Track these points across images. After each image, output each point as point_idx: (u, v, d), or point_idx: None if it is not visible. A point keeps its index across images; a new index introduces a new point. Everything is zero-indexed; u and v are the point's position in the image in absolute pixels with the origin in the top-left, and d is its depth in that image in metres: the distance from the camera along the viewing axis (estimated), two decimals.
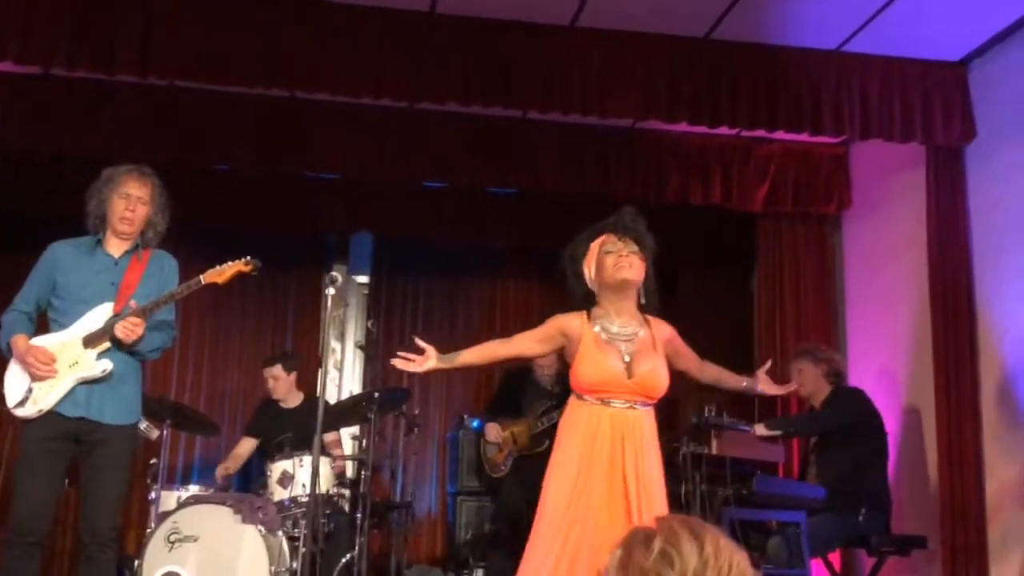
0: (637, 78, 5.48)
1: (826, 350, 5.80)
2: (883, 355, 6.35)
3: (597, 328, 3.65)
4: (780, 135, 6.25)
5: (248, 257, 4.01)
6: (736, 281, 7.40)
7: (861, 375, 6.35)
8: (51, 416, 3.84)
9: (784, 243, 6.79)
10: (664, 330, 3.74)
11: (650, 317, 3.74)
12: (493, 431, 6.15)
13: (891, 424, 5.72)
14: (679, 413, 6.58)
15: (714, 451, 4.72)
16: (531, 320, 7.48)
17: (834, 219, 6.94)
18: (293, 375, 6.27)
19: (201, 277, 3.97)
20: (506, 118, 6.24)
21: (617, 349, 3.61)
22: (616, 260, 3.62)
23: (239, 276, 4.02)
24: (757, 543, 4.95)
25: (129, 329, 3.83)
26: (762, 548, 4.98)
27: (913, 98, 5.65)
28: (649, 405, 3.62)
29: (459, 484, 6.77)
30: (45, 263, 4.03)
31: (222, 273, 3.98)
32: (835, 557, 5.87)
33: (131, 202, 4.01)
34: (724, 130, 5.93)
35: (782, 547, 4.96)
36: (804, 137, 6.15)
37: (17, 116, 5.93)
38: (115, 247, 4.05)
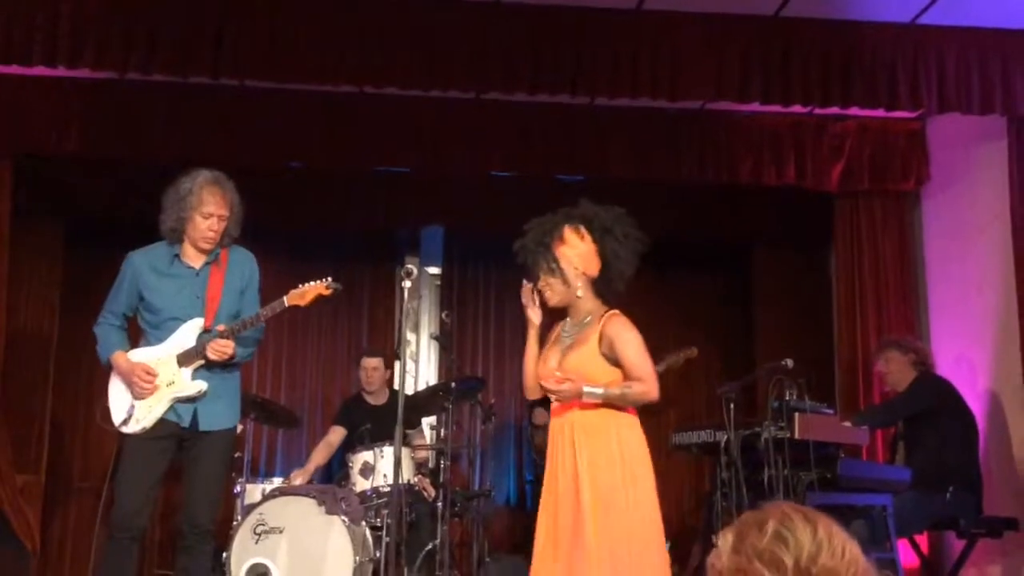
0: (707, 59, 5.41)
1: (913, 340, 5.75)
2: (965, 335, 6.19)
3: (561, 328, 3.74)
4: (854, 111, 6.13)
5: (329, 279, 4.04)
6: (813, 262, 7.29)
7: (944, 356, 6.21)
8: (156, 420, 3.96)
9: (862, 222, 6.64)
10: (610, 328, 3.58)
11: (609, 313, 3.63)
12: (541, 415, 6.20)
13: (975, 406, 5.60)
14: (759, 397, 6.52)
15: (796, 435, 4.64)
16: None
17: (912, 196, 6.78)
18: (388, 372, 6.34)
19: (284, 299, 4.02)
20: (573, 105, 6.22)
21: (559, 348, 3.66)
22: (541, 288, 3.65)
23: (320, 298, 4.05)
24: (842, 527, 4.87)
25: (220, 351, 3.93)
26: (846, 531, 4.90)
27: (992, 69, 5.49)
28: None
29: (536, 471, 6.80)
30: (127, 275, 4.09)
31: (304, 296, 4.01)
32: (922, 540, 5.77)
33: (213, 222, 4.03)
34: (797, 108, 5.83)
35: (866, 530, 4.89)
36: (879, 113, 6.02)
37: (94, 120, 6.07)
38: (193, 258, 4.10)
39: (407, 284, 4.18)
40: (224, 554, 4.93)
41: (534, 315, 3.74)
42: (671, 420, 7.07)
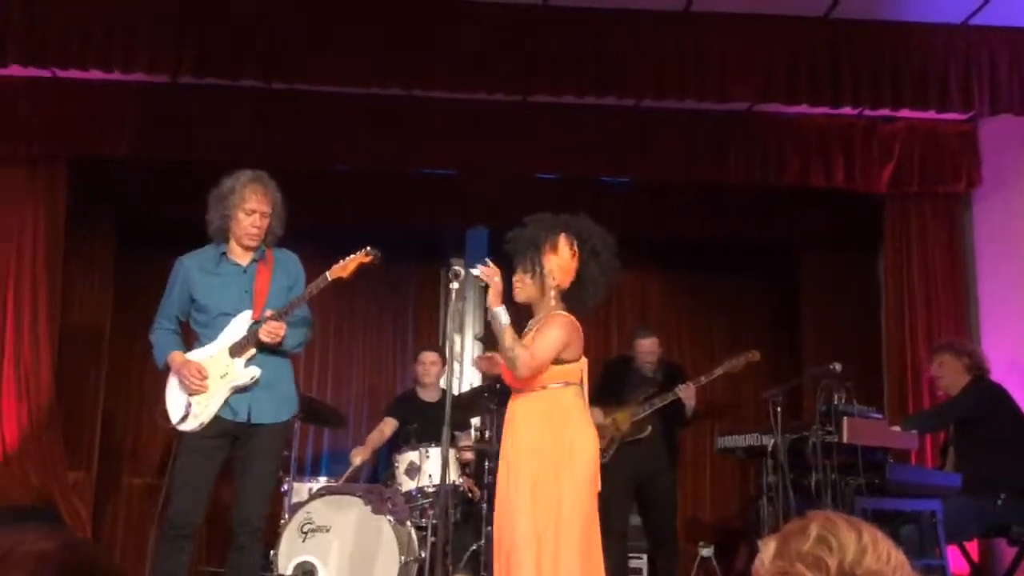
0: (755, 61, 5.40)
1: (967, 344, 5.66)
2: (1018, 340, 6.09)
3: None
4: (905, 113, 6.07)
5: (368, 248, 4.06)
6: (862, 265, 7.19)
7: (996, 361, 6.10)
8: (211, 418, 4.02)
9: (912, 224, 6.56)
10: (545, 320, 3.77)
11: (554, 312, 3.78)
12: (595, 415, 6.17)
13: None
14: (806, 401, 6.47)
15: (845, 439, 4.59)
16: (648, 312, 7.54)
17: (964, 198, 6.68)
18: (443, 368, 6.38)
19: (327, 274, 4.05)
20: (619, 106, 6.21)
21: None
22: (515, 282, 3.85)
23: (362, 267, 4.07)
24: (890, 533, 4.81)
25: (272, 332, 3.98)
26: (895, 538, 4.84)
27: None
28: (521, 392, 3.73)
29: None
30: (178, 279, 4.17)
31: (345, 267, 4.04)
32: (972, 547, 5.68)
33: (256, 218, 4.10)
34: (846, 110, 5.78)
35: (916, 536, 4.83)
36: (930, 114, 5.96)
37: (146, 123, 6.17)
38: (240, 255, 4.17)
39: (455, 285, 4.18)
40: (272, 552, 4.99)
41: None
42: (716, 424, 7.04)
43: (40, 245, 6.23)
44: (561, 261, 3.76)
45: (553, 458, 3.60)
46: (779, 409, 4.72)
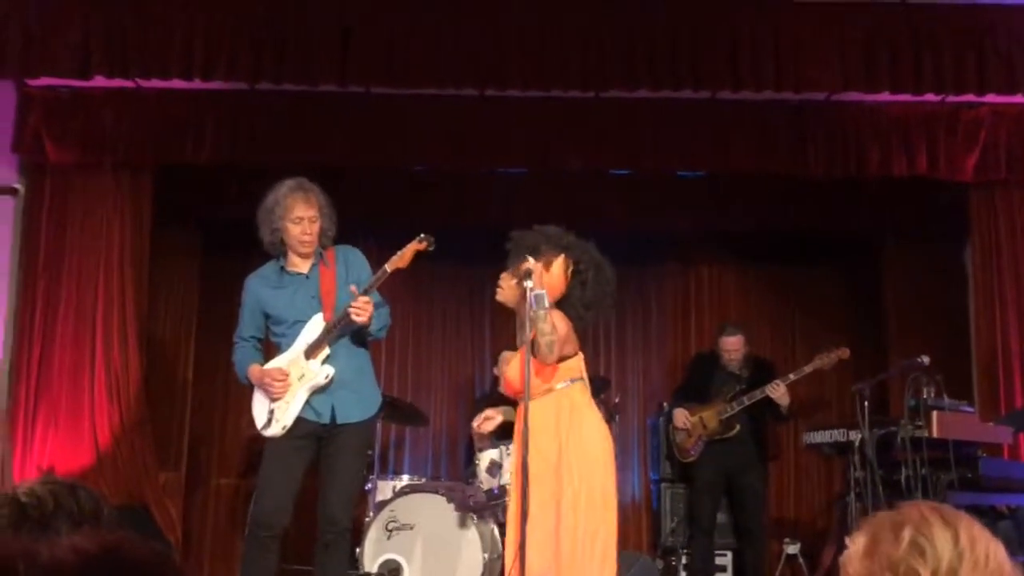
0: (832, 49, 5.32)
1: None
2: None
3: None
4: (990, 98, 5.88)
5: (422, 235, 4.03)
6: (947, 255, 7.00)
7: None
8: (295, 420, 4.09)
9: (1000, 212, 6.36)
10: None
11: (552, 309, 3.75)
12: (680, 417, 6.17)
13: None
14: (891, 395, 6.33)
15: (935, 434, 4.50)
16: (727, 306, 7.46)
17: None
18: None
19: (386, 267, 4.03)
20: (693, 99, 6.15)
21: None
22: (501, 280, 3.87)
23: (418, 255, 4.04)
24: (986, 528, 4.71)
25: (361, 308, 3.96)
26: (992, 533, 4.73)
27: None
28: (532, 398, 3.62)
29: (661, 471, 6.75)
30: (248, 299, 4.27)
31: (403, 257, 4.02)
32: None
33: (305, 225, 4.13)
34: (928, 97, 5.64)
35: (1013, 532, 4.71)
36: (1017, 99, 5.78)
37: (227, 129, 6.27)
38: (300, 264, 4.23)
39: (528, 283, 4.19)
40: (357, 549, 5.05)
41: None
42: (801, 420, 6.94)
43: (127, 251, 6.39)
44: (551, 279, 3.75)
45: (585, 450, 3.62)
46: (866, 403, 4.64)
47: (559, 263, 3.78)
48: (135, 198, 6.46)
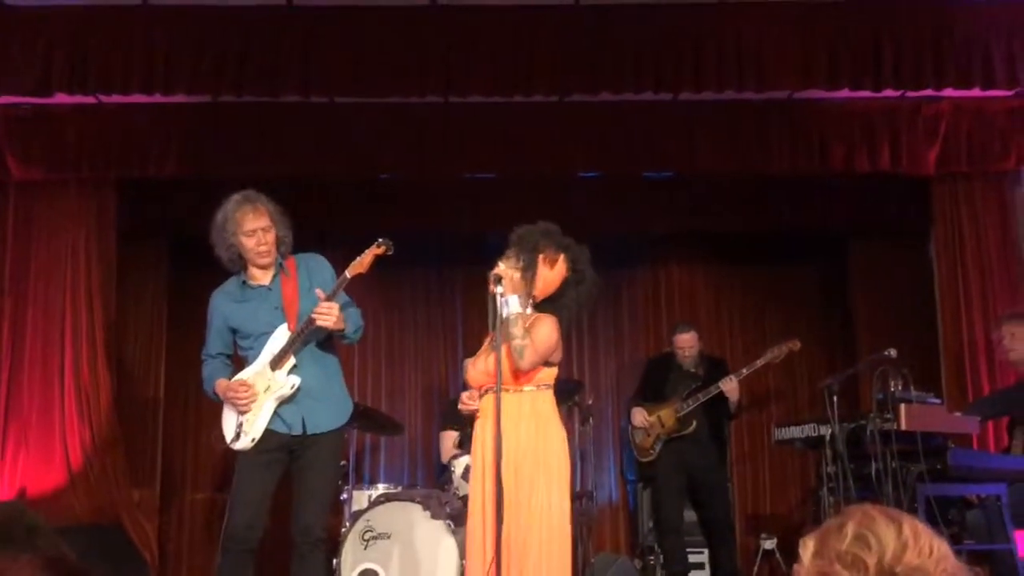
0: (793, 47, 5.37)
1: None
2: None
3: (491, 337, 3.86)
4: (949, 92, 5.95)
5: (380, 240, 4.01)
6: (913, 248, 7.09)
7: None
8: (264, 432, 4.07)
9: (961, 204, 6.44)
10: (538, 318, 3.79)
11: (545, 315, 3.81)
12: (639, 416, 6.22)
13: None
14: (861, 389, 6.39)
15: (903, 426, 4.53)
16: (697, 305, 7.50)
17: (1013, 175, 6.56)
18: None
19: (346, 272, 4.02)
20: (657, 101, 6.18)
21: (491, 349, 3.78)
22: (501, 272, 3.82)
23: (378, 259, 4.01)
24: (956, 518, 4.76)
25: (325, 313, 3.94)
26: (961, 523, 4.78)
27: None
28: (505, 390, 3.65)
29: (637, 471, 6.78)
30: (213, 315, 4.25)
31: (362, 263, 4.00)
32: None
33: (259, 236, 4.11)
34: (888, 92, 5.70)
35: (982, 520, 4.76)
36: (975, 92, 5.84)
37: (191, 142, 6.23)
38: (261, 276, 4.21)
39: (499, 289, 4.19)
40: (335, 560, 5.04)
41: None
42: (772, 415, 6.98)
43: (94, 268, 6.35)
44: (552, 276, 3.79)
45: (542, 460, 3.68)
46: (835, 398, 4.68)
47: (561, 262, 3.81)
48: (100, 214, 6.42)
